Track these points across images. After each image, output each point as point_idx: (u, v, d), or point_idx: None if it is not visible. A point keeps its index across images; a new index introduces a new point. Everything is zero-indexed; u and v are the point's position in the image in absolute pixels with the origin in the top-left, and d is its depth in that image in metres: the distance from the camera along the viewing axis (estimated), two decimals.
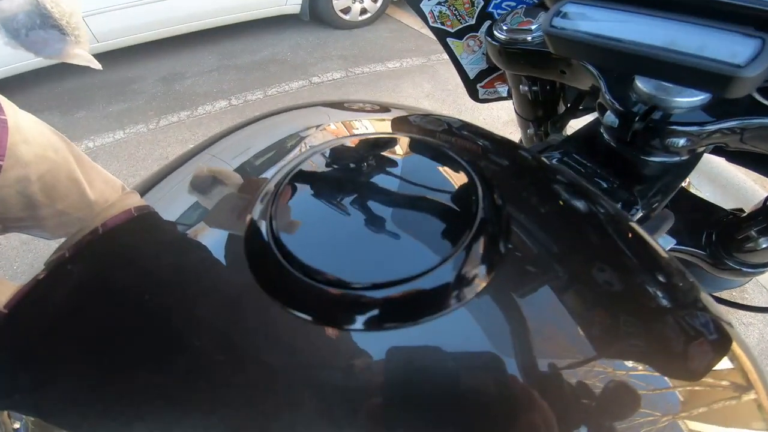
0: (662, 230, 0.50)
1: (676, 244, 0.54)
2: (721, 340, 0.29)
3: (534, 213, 0.33)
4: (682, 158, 0.41)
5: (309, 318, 0.24)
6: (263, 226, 0.27)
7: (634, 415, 0.24)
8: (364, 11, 3.59)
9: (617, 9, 0.31)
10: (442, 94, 2.81)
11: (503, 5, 0.61)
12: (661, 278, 0.31)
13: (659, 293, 0.30)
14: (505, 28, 0.50)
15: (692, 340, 0.28)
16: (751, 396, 0.27)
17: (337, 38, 3.48)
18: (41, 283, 0.32)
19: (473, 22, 0.63)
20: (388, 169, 0.31)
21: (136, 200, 0.37)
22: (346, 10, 3.53)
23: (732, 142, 0.37)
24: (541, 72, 0.53)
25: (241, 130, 0.44)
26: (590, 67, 0.41)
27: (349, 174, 0.30)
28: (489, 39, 0.52)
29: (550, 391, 0.23)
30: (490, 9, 0.61)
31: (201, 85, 2.91)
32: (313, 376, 0.23)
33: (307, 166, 0.31)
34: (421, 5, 0.62)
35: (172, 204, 0.37)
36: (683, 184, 0.70)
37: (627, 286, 0.30)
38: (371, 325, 0.24)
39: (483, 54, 0.69)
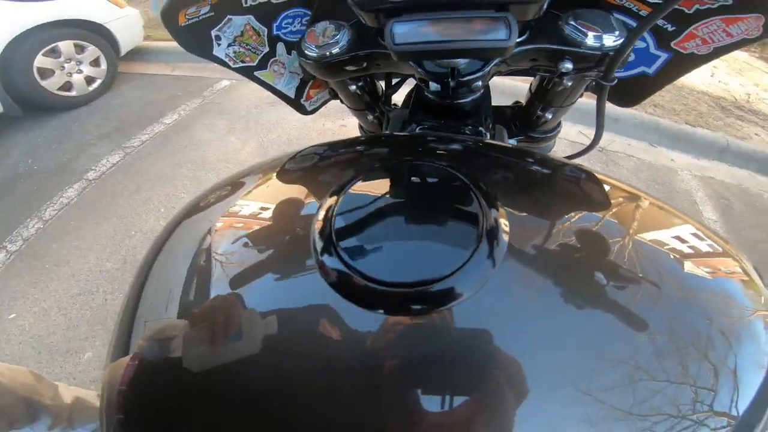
0: (506, 138, 0.74)
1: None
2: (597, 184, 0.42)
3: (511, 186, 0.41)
4: (483, 90, 0.62)
5: (375, 312, 0.29)
6: (329, 251, 0.32)
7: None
8: (90, 80, 3.04)
9: (423, 20, 0.43)
10: (242, 123, 2.76)
11: (283, 24, 0.66)
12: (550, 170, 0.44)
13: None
14: (313, 45, 0.56)
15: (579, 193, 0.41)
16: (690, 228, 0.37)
17: (80, 119, 2.87)
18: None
19: (267, 49, 0.67)
20: (411, 189, 0.39)
21: None
22: (67, 86, 2.92)
23: (501, 71, 0.60)
24: (360, 71, 0.60)
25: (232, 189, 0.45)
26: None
27: (381, 200, 0.36)
28: (303, 60, 0.57)
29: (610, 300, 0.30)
30: (274, 33, 0.66)
31: None
32: (382, 362, 0.28)
33: (347, 201, 0.36)
34: (215, 53, 0.63)
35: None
36: None
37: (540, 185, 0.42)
38: (415, 312, 0.29)
39: (291, 72, 0.74)
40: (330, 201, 0.36)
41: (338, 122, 2.77)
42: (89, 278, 1.81)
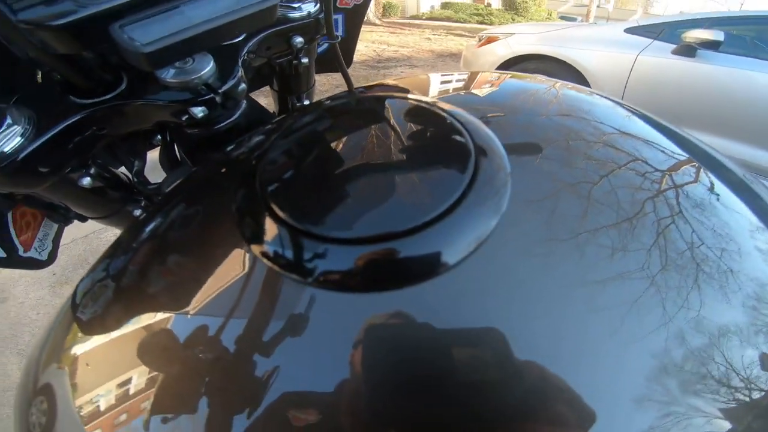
0: None
1: None
2: None
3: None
4: (246, 101, 0.55)
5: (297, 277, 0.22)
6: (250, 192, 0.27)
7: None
8: None
9: (155, 14, 0.31)
10: None
11: None
12: None
13: None
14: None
15: None
16: None
17: None
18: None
19: None
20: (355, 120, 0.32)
21: None
22: None
23: (247, 77, 0.52)
24: (77, 155, 0.44)
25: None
26: None
27: (331, 133, 0.30)
28: None
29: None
30: None
31: None
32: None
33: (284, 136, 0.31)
34: None
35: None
36: None
37: None
38: (365, 285, 0.21)
39: None
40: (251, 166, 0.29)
41: None
42: None
